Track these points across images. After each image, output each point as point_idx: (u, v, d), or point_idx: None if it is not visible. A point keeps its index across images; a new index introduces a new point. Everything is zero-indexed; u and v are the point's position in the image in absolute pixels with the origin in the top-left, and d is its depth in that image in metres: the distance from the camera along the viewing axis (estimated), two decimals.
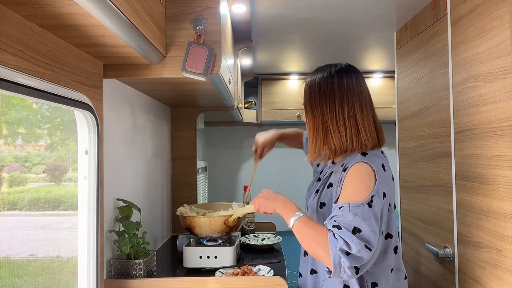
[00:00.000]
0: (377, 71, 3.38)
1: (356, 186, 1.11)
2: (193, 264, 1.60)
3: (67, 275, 1.16)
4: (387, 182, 1.15)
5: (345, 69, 1.27)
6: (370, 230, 1.04)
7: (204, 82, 1.35)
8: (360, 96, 1.22)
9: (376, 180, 1.11)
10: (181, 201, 2.28)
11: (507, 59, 1.21)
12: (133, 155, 1.73)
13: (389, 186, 1.16)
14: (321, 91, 1.23)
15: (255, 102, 3.64)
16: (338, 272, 1.03)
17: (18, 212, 0.99)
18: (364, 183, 1.11)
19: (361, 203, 1.07)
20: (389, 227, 1.18)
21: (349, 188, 1.12)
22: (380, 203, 1.10)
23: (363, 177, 1.12)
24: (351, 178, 1.13)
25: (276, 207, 1.21)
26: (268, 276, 1.48)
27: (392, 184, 1.19)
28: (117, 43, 1.03)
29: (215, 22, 1.30)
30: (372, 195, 1.08)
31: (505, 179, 1.22)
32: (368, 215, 1.06)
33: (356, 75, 1.25)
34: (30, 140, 1.06)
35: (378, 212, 1.08)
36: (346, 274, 1.03)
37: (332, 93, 1.21)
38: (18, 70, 0.82)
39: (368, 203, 1.07)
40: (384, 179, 1.13)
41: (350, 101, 1.20)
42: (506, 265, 1.23)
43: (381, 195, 1.11)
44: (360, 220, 1.04)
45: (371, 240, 1.03)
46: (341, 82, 1.23)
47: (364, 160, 1.14)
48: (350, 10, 1.88)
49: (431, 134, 1.74)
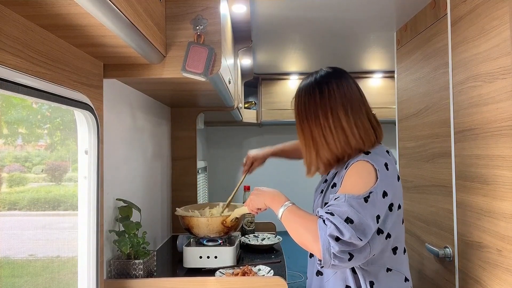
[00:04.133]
0: (377, 71, 3.38)
1: (354, 180, 1.10)
2: (193, 264, 1.60)
3: (67, 275, 1.16)
4: (389, 182, 1.12)
5: (324, 76, 1.24)
6: (363, 223, 1.02)
7: (204, 82, 1.35)
8: (343, 100, 1.19)
9: (377, 178, 1.09)
10: (181, 201, 2.28)
11: (507, 59, 1.21)
12: (133, 155, 1.73)
13: (393, 186, 1.13)
14: (306, 106, 1.22)
15: (255, 102, 3.64)
16: (328, 259, 1.00)
17: (18, 212, 0.99)
18: (363, 179, 1.10)
19: (357, 196, 1.05)
20: (387, 227, 1.13)
21: (347, 182, 1.11)
22: (379, 201, 1.08)
23: (363, 173, 1.11)
24: (351, 173, 1.13)
25: (265, 200, 1.21)
26: (268, 276, 1.48)
27: (397, 184, 1.16)
28: (117, 43, 1.03)
29: (215, 22, 1.30)
30: (371, 192, 1.07)
31: (505, 179, 1.22)
32: (363, 208, 1.04)
33: (337, 80, 1.22)
34: (30, 140, 1.06)
35: (374, 209, 1.06)
36: (337, 260, 1.00)
37: (315, 107, 1.20)
38: (18, 70, 0.82)
39: (364, 198, 1.05)
40: (386, 178, 1.11)
41: (334, 109, 1.18)
42: (506, 265, 1.23)
43: (381, 193, 1.08)
44: (354, 211, 1.02)
45: (364, 232, 1.01)
46: (321, 91, 1.20)
47: (366, 159, 1.13)
48: (350, 10, 1.88)
49: (431, 134, 1.74)
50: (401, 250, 1.20)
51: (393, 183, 1.14)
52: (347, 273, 1.15)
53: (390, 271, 1.17)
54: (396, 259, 1.18)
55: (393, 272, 1.17)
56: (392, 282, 1.17)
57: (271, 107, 3.56)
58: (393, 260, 1.18)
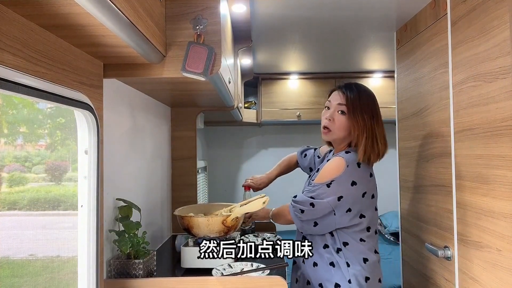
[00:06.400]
0: (377, 71, 3.39)
1: (324, 171, 1.51)
2: (191, 264, 1.60)
3: (67, 275, 1.16)
4: (359, 175, 1.48)
5: (368, 90, 1.61)
6: (306, 200, 1.50)
7: (204, 82, 1.35)
8: (378, 111, 1.61)
9: (344, 170, 1.46)
10: (181, 201, 2.28)
11: (507, 59, 1.21)
12: (133, 155, 1.73)
13: (363, 179, 1.49)
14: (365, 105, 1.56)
15: (255, 102, 3.64)
16: (300, 225, 1.55)
17: (18, 212, 0.99)
18: (330, 171, 1.49)
19: (321, 183, 1.49)
20: (362, 210, 1.49)
21: (320, 172, 1.53)
22: (343, 187, 1.45)
23: (332, 166, 1.50)
24: (325, 166, 1.53)
25: (260, 219, 1.79)
26: (268, 276, 1.48)
27: (370, 179, 1.53)
28: (117, 43, 1.03)
29: (215, 22, 1.30)
30: (332, 180, 1.46)
31: (505, 179, 1.22)
32: (324, 191, 1.47)
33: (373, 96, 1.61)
34: (30, 140, 1.06)
35: (336, 192, 1.45)
36: (305, 226, 1.53)
37: (367, 107, 1.55)
38: (18, 70, 0.81)
39: (327, 184, 1.47)
40: (355, 172, 1.47)
41: (376, 114, 1.58)
42: (506, 265, 1.23)
43: (348, 182, 1.46)
44: (314, 194, 1.49)
45: (302, 205, 1.50)
46: (372, 98, 1.60)
47: (342, 155, 1.50)
48: (350, 10, 1.88)
49: (431, 134, 1.74)
50: (373, 230, 1.55)
51: (363, 177, 1.50)
52: (327, 235, 1.52)
53: (363, 241, 1.51)
54: (369, 236, 1.53)
55: (366, 242, 1.51)
56: (362, 248, 1.50)
57: (271, 107, 3.56)
58: (367, 236, 1.52)
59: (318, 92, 3.51)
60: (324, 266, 1.52)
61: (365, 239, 1.51)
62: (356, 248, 1.50)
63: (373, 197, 1.54)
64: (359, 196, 1.48)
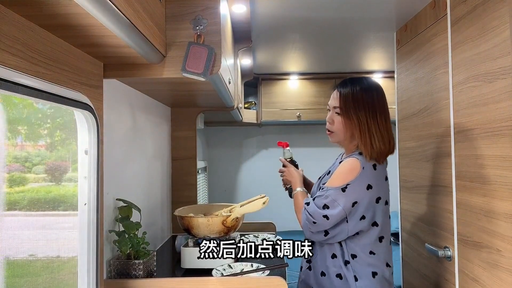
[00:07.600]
0: (377, 71, 3.38)
1: (339, 174, 1.40)
2: (191, 264, 1.60)
3: (67, 275, 1.16)
4: (375, 178, 1.38)
5: (374, 84, 1.50)
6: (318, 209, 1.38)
7: (204, 82, 1.35)
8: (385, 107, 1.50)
9: (359, 173, 1.36)
10: (181, 201, 2.28)
11: (507, 59, 1.21)
12: (133, 155, 1.73)
13: (379, 182, 1.39)
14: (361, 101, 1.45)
15: (255, 102, 3.64)
16: (309, 235, 1.41)
17: (18, 212, 0.99)
18: (344, 174, 1.38)
19: (336, 187, 1.37)
20: (376, 217, 1.39)
21: (334, 175, 1.42)
22: (359, 191, 1.35)
23: (347, 168, 1.39)
24: (339, 169, 1.41)
25: (291, 180, 1.61)
26: (268, 276, 1.48)
27: (385, 183, 1.42)
28: (117, 43, 1.03)
29: (215, 22, 1.30)
30: (348, 183, 1.35)
31: (505, 179, 1.22)
32: (340, 196, 1.36)
33: (381, 91, 1.49)
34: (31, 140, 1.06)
35: (351, 197, 1.35)
36: (315, 236, 1.40)
37: (363, 104, 1.44)
38: (18, 70, 0.81)
39: (342, 188, 1.36)
40: (371, 175, 1.37)
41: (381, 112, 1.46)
42: (506, 265, 1.23)
43: (363, 185, 1.35)
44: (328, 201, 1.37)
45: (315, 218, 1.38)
46: (377, 93, 1.48)
47: (357, 157, 1.39)
48: (350, 10, 1.88)
49: (431, 134, 1.74)
50: (387, 240, 1.43)
51: (379, 180, 1.39)
52: (335, 245, 1.42)
53: (372, 254, 1.40)
54: (381, 247, 1.41)
55: (376, 255, 1.40)
56: (371, 260, 1.39)
57: (271, 107, 3.56)
58: (378, 247, 1.41)
59: (318, 92, 3.51)
60: (331, 277, 1.42)
61: (375, 252, 1.40)
62: (364, 261, 1.39)
63: (387, 204, 1.43)
64: (373, 202, 1.38)
